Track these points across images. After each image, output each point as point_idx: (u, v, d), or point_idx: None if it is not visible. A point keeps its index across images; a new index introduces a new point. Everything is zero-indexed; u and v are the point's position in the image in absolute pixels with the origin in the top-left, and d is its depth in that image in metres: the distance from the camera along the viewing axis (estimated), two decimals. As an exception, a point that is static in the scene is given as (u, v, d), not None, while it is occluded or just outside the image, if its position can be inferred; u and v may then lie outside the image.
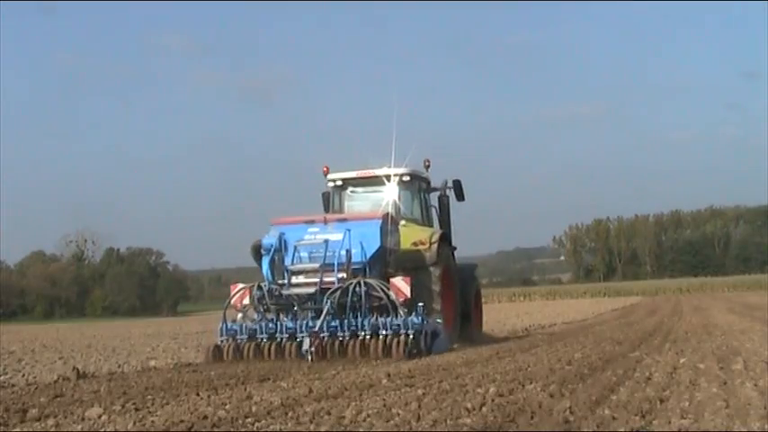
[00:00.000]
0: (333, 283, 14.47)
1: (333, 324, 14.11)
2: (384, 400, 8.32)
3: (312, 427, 6.86)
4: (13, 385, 11.58)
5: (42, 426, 7.58)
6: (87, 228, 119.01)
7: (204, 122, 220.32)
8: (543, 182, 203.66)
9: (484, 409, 7.38)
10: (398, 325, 13.95)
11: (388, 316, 14.16)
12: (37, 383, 11.77)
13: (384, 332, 13.90)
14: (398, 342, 13.63)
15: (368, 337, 13.89)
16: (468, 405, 7.56)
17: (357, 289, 14.22)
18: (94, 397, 9.59)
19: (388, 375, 10.68)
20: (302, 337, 13.93)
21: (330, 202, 17.93)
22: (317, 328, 13.90)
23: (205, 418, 7.49)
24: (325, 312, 14.12)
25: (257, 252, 15.45)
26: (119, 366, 14.66)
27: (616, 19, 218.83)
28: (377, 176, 17.60)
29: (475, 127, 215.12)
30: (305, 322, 14.28)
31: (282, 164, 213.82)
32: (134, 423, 7.45)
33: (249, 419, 7.38)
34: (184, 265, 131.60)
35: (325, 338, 13.84)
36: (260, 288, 14.76)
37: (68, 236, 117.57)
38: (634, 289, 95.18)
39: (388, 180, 17.48)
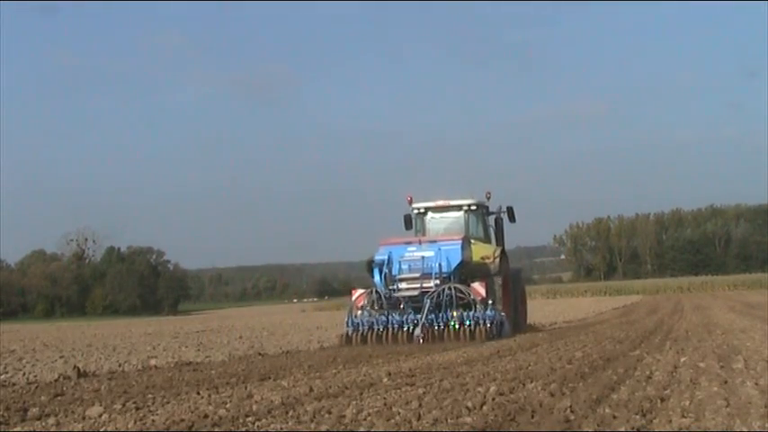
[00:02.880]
0: (431, 287, 19.14)
1: (430, 317, 18.66)
2: (385, 398, 8.32)
3: (313, 426, 6.86)
4: (14, 384, 11.59)
5: (43, 424, 7.58)
6: (88, 227, 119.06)
7: (204, 122, 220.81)
8: (544, 180, 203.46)
9: (484, 407, 7.38)
10: (478, 317, 18.62)
11: (470, 310, 18.78)
12: (38, 382, 11.79)
13: (468, 322, 18.54)
14: (479, 330, 18.32)
15: (456, 326, 18.43)
16: (469, 404, 7.56)
17: (448, 291, 18.88)
18: (95, 396, 9.60)
19: (389, 374, 10.69)
20: (409, 326, 18.58)
21: (413, 223, 22.73)
22: (423, 321, 18.41)
23: (206, 416, 7.49)
24: (426, 309, 18.67)
25: (369, 266, 19.99)
26: (119, 365, 14.68)
27: (617, 18, 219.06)
28: (451, 206, 22.67)
29: (475, 126, 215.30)
30: (409, 316, 18.83)
31: (283, 163, 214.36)
32: (135, 422, 7.45)
33: (250, 418, 7.38)
34: (185, 263, 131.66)
35: (427, 327, 18.45)
36: (377, 292, 19.33)
37: (69, 235, 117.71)
38: (635, 288, 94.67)
39: (460, 208, 22.54)
